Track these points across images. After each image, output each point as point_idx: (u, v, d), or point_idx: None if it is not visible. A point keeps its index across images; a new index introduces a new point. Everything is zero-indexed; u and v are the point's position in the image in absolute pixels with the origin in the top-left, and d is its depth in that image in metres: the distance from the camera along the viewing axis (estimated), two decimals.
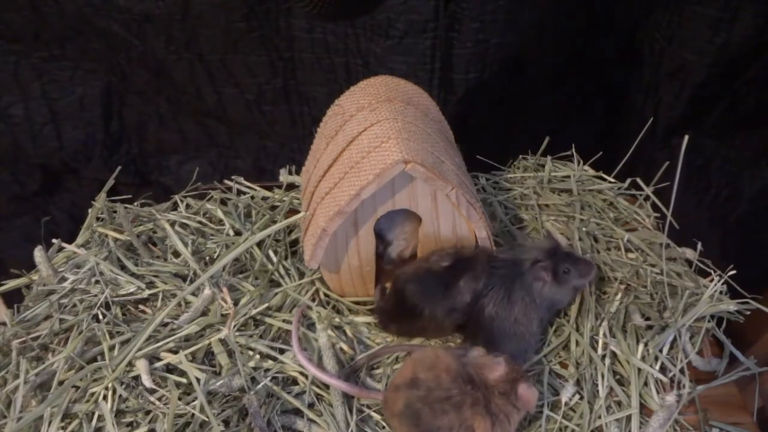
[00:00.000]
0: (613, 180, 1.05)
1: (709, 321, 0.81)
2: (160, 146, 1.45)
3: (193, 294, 0.82)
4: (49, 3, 1.19)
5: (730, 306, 0.80)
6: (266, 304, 0.82)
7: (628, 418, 0.73)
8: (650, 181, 1.00)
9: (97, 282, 0.84)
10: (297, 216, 0.84)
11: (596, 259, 0.91)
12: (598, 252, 0.93)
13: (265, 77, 1.29)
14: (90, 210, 0.96)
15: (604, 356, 0.78)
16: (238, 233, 0.94)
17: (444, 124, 0.92)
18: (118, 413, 0.70)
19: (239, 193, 1.03)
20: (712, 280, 0.84)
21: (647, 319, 0.82)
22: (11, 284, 0.88)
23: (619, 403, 0.75)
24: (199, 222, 0.96)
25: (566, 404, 0.74)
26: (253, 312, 0.81)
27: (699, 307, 0.80)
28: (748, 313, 0.82)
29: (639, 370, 0.77)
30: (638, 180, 1.02)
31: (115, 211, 0.96)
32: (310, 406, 0.73)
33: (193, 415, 0.69)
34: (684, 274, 0.88)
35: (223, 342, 0.76)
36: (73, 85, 1.34)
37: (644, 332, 0.81)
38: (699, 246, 0.90)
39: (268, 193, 1.03)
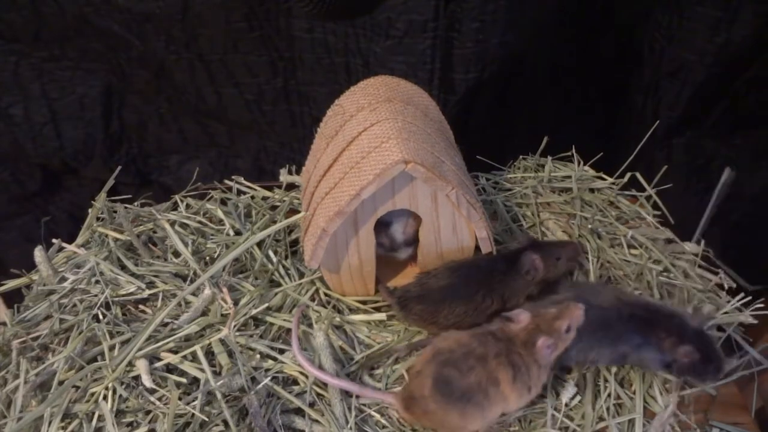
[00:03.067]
0: (613, 180, 1.05)
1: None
2: (160, 146, 1.45)
3: (193, 294, 0.82)
4: (49, 3, 1.19)
5: (748, 318, 0.81)
6: (266, 304, 0.82)
7: (630, 420, 0.73)
8: (650, 182, 1.00)
9: (97, 282, 0.84)
10: (297, 216, 0.84)
11: (602, 257, 0.91)
12: (601, 251, 0.93)
13: (265, 77, 1.29)
14: (90, 210, 0.96)
15: None
16: (238, 233, 0.94)
17: (444, 124, 0.92)
18: (118, 413, 0.70)
19: (239, 193, 1.03)
20: (720, 281, 0.86)
21: None
22: (11, 284, 0.88)
23: (620, 405, 0.75)
24: (199, 222, 0.96)
25: (566, 405, 0.74)
26: (253, 312, 0.81)
27: (718, 319, 0.81)
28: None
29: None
30: (637, 175, 1.01)
31: (115, 211, 0.96)
32: (311, 405, 0.73)
33: (193, 415, 0.68)
34: (688, 269, 0.88)
35: (223, 342, 0.76)
36: (73, 85, 1.34)
37: None
38: (702, 243, 0.90)
39: (268, 193, 1.03)
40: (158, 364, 0.74)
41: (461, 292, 0.79)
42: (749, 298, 0.83)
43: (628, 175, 1.03)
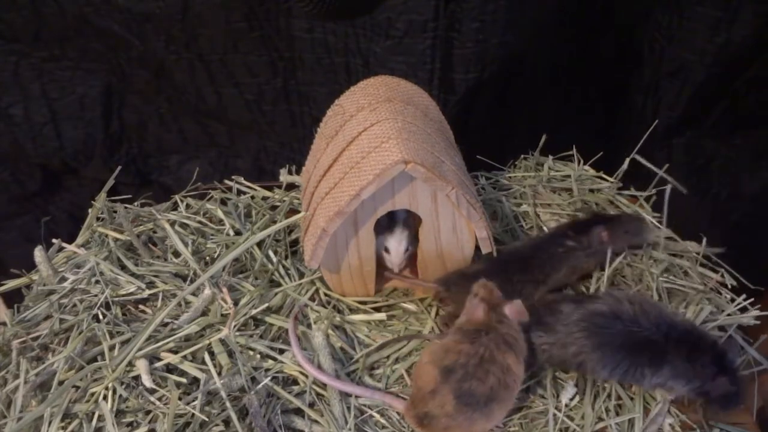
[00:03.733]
0: (612, 179, 1.05)
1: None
2: (160, 146, 1.45)
3: (193, 294, 0.82)
4: (49, 3, 1.19)
5: (751, 321, 0.81)
6: (266, 304, 0.82)
7: (630, 420, 0.73)
8: (650, 182, 1.00)
9: (97, 282, 0.84)
10: (297, 216, 0.84)
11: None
12: None
13: (265, 77, 1.29)
14: (90, 210, 0.96)
15: None
16: (238, 233, 0.94)
17: (444, 124, 0.92)
18: (118, 413, 0.70)
19: (239, 193, 1.03)
20: (722, 276, 0.87)
21: None
22: (11, 284, 0.88)
23: (620, 405, 0.75)
24: (199, 222, 0.96)
25: (566, 405, 0.74)
26: (253, 312, 0.81)
27: (719, 321, 0.82)
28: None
29: None
30: (638, 157, 1.01)
31: (115, 211, 0.96)
32: (311, 405, 0.73)
33: (193, 415, 0.68)
34: (690, 270, 0.89)
35: (223, 342, 0.76)
36: (73, 85, 1.34)
37: None
38: (704, 242, 0.90)
39: (268, 193, 1.03)
40: (158, 364, 0.74)
41: (496, 275, 0.80)
42: (752, 299, 0.83)
43: (627, 161, 1.03)
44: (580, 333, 0.73)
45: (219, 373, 0.73)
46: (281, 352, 0.78)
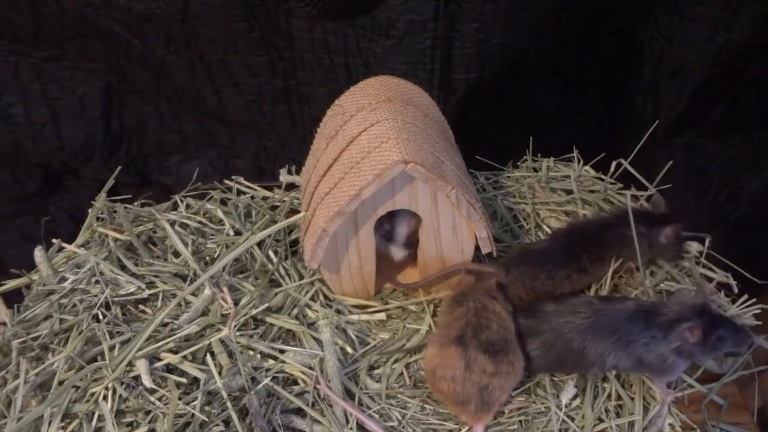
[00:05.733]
0: (611, 180, 1.05)
1: None
2: (160, 146, 1.45)
3: (193, 294, 0.82)
4: (49, 3, 1.19)
5: (752, 321, 0.82)
6: (266, 304, 0.82)
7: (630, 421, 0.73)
8: (650, 182, 1.00)
9: (97, 282, 0.84)
10: (297, 216, 0.84)
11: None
12: None
13: (265, 77, 1.29)
14: (90, 210, 0.96)
15: None
16: (238, 233, 0.94)
17: (444, 124, 0.92)
18: (118, 413, 0.70)
19: (239, 193, 1.03)
20: (726, 279, 0.88)
21: None
22: (11, 284, 0.88)
23: (621, 405, 0.75)
24: (199, 222, 0.96)
25: (567, 406, 0.74)
26: (254, 312, 0.81)
27: None
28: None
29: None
30: (623, 162, 1.02)
31: (115, 211, 0.96)
32: (311, 405, 0.73)
33: (193, 415, 0.68)
34: (690, 271, 0.89)
35: (223, 342, 0.76)
36: (73, 85, 1.34)
37: None
38: (707, 242, 0.91)
39: (268, 193, 1.03)
40: (158, 364, 0.74)
41: (563, 254, 0.82)
42: (753, 300, 0.83)
43: (614, 166, 1.03)
44: (569, 327, 0.75)
45: (219, 373, 0.73)
46: (281, 352, 0.78)
